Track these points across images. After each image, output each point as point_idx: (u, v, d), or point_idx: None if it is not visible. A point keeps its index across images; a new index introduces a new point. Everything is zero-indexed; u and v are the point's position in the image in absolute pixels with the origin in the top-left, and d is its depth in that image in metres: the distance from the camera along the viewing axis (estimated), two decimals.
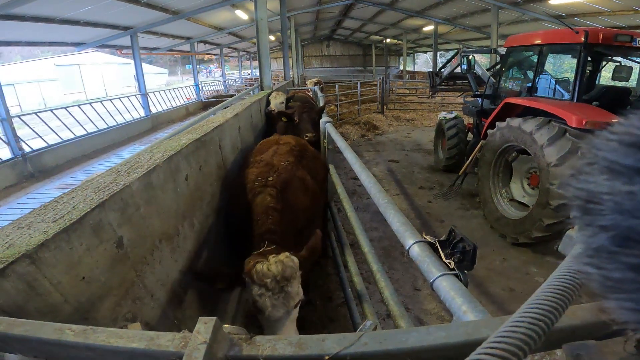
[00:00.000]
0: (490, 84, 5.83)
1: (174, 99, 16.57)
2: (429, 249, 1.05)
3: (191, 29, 15.22)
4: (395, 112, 13.40)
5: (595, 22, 11.50)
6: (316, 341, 0.55)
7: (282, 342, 0.55)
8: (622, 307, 0.28)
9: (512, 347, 0.36)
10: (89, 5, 8.74)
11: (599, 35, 3.81)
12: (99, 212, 1.16)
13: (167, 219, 1.61)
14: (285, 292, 1.57)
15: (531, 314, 0.41)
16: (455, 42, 21.40)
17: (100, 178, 1.45)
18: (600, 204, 0.28)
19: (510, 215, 4.39)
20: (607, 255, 0.28)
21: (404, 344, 0.54)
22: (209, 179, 2.30)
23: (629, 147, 0.27)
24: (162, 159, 1.64)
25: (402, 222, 1.17)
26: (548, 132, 3.66)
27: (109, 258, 1.17)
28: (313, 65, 35.31)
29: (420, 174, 6.92)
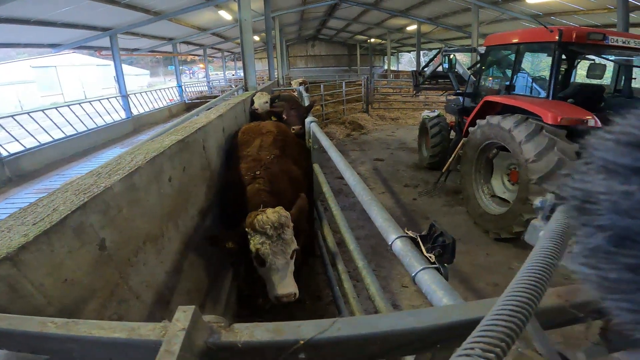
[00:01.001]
0: (470, 82, 5.97)
1: (156, 100, 16.29)
2: (410, 244, 1.08)
3: (173, 30, 15.01)
4: (380, 111, 13.53)
5: (570, 21, 11.89)
6: (292, 327, 0.57)
7: (260, 329, 0.58)
8: (618, 308, 0.27)
9: (496, 341, 0.37)
10: (66, 7, 8.52)
11: (573, 34, 3.95)
12: (80, 214, 1.15)
13: (151, 220, 1.61)
14: (282, 239, 1.90)
15: (510, 307, 0.42)
16: (438, 42, 21.77)
17: (81, 180, 1.43)
18: (596, 203, 0.28)
19: (492, 211, 4.50)
20: (604, 255, 0.28)
21: (375, 329, 0.57)
22: (194, 180, 2.29)
23: (626, 147, 0.27)
24: (144, 161, 1.63)
25: (385, 218, 1.20)
26: (525, 129, 3.77)
27: (91, 260, 1.17)
28: (298, 65, 35.30)
29: (405, 172, 7.02)
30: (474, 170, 4.82)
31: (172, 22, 12.93)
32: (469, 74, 6.20)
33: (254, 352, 0.57)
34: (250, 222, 1.92)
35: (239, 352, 0.56)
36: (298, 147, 3.42)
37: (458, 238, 4.37)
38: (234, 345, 0.56)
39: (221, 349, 0.56)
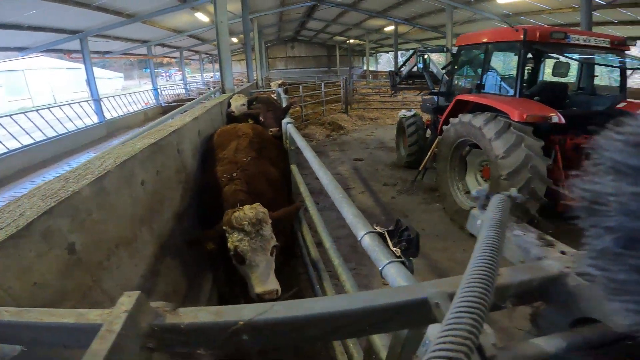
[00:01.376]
0: (444, 82, 6.14)
1: (130, 104, 15.90)
2: (378, 239, 1.13)
3: (148, 32, 14.70)
4: (360, 111, 13.68)
5: (539, 20, 12.39)
6: (234, 309, 0.62)
7: (203, 312, 0.62)
8: (626, 309, 0.27)
9: (462, 339, 0.39)
10: (33, 10, 8.21)
11: (536, 33, 4.12)
12: (46, 219, 1.14)
13: (123, 224, 1.60)
14: (261, 235, 1.88)
15: (470, 302, 0.44)
16: (415, 42, 22.22)
17: (48, 185, 1.41)
18: (605, 205, 0.28)
19: (466, 207, 4.64)
20: (612, 256, 0.27)
21: (311, 311, 0.61)
22: (169, 184, 2.28)
23: (635, 148, 0.27)
24: (114, 165, 1.62)
25: (354, 215, 1.25)
26: (495, 127, 3.93)
27: (61, 263, 1.16)
28: (278, 66, 35.20)
29: (384, 171, 7.14)
30: (449, 167, 4.96)
31: (147, 24, 12.66)
32: (443, 73, 6.37)
33: (197, 332, 0.60)
34: (228, 220, 1.91)
35: (182, 332, 0.59)
36: (275, 149, 3.42)
37: (436, 234, 4.53)
38: (177, 327, 0.59)
39: (165, 330, 0.60)
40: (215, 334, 0.60)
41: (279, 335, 0.62)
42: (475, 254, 0.55)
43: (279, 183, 2.97)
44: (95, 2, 9.05)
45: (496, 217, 0.66)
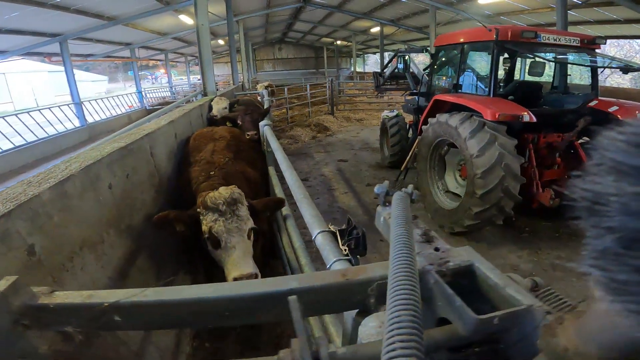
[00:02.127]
0: (424, 82, 6.24)
1: (114, 107, 15.68)
2: (330, 238, 1.17)
3: (131, 35, 14.52)
4: (346, 112, 13.76)
5: (519, 20, 12.65)
6: (106, 293, 0.68)
7: (74, 294, 0.69)
8: (628, 310, 0.27)
9: (409, 336, 0.42)
10: (10, 13, 8.05)
11: (508, 33, 4.22)
12: (5, 222, 1.16)
13: (88, 226, 1.60)
14: (236, 215, 1.82)
15: (404, 304, 0.47)
16: (401, 43, 22.46)
17: (10, 190, 1.42)
18: (606, 205, 0.27)
19: (446, 206, 4.72)
20: (613, 257, 0.27)
21: (178, 296, 0.67)
22: (140, 187, 2.29)
23: (637, 148, 0.27)
24: (78, 169, 1.63)
25: (312, 215, 1.29)
26: (470, 126, 4.02)
27: (20, 265, 1.17)
28: (266, 68, 35.14)
29: (367, 171, 7.21)
30: (429, 167, 5.04)
31: (129, 27, 12.52)
32: (423, 73, 6.47)
33: (66, 312, 0.68)
34: (202, 201, 1.85)
35: (53, 311, 0.67)
36: (252, 151, 3.43)
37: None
38: (47, 306, 0.67)
39: (36, 309, 0.67)
40: (84, 313, 0.66)
41: (148, 318, 0.68)
42: (392, 252, 0.59)
43: (257, 183, 2.98)
44: (74, 5, 8.92)
45: (402, 215, 0.70)
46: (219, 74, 31.17)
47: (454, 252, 0.74)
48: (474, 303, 0.58)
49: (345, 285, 0.70)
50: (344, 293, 0.70)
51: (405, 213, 0.72)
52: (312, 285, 0.68)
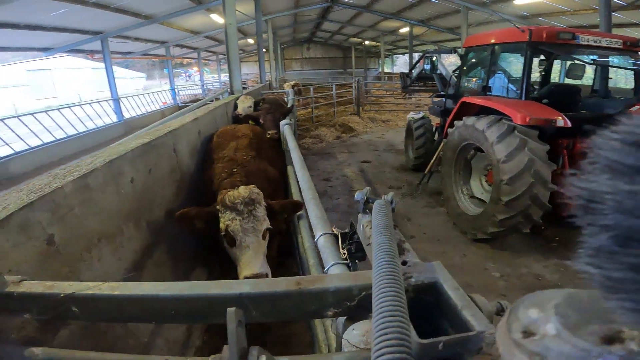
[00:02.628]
0: (452, 84, 6.06)
1: (149, 103, 16.34)
2: (332, 241, 1.15)
3: (166, 33, 15.08)
4: (372, 113, 13.63)
5: (558, 22, 12.04)
6: (67, 284, 0.72)
7: (37, 284, 0.74)
8: (623, 307, 0.27)
9: (396, 340, 0.43)
10: (55, 11, 8.58)
11: (543, 34, 4.03)
12: (26, 212, 1.22)
13: (107, 219, 1.67)
14: (253, 215, 1.85)
15: (390, 309, 0.48)
16: (431, 44, 21.95)
17: (37, 181, 1.50)
18: (601, 203, 0.28)
19: (470, 211, 4.57)
20: (608, 255, 0.27)
21: (132, 292, 0.70)
22: (161, 182, 2.36)
23: (631, 147, 0.27)
24: (102, 163, 1.71)
25: (317, 216, 1.28)
26: (497, 130, 3.86)
27: (38, 254, 1.24)
28: (294, 67, 35.41)
29: (390, 173, 7.10)
30: (453, 171, 4.90)
31: (164, 25, 13.01)
32: (451, 75, 6.30)
33: (27, 300, 0.73)
34: (221, 199, 1.90)
35: (15, 299, 0.72)
36: (273, 150, 3.48)
37: (437, 239, 4.48)
38: (11, 295, 0.71)
39: (4, 297, 0.72)
40: (43, 303, 0.70)
41: (102, 311, 0.71)
42: (375, 261, 0.57)
43: (277, 181, 3.02)
44: (114, 3, 9.37)
45: (383, 222, 0.68)
46: (249, 73, 31.78)
47: (420, 267, 0.71)
48: (438, 322, 0.56)
49: (298, 294, 0.69)
50: (296, 302, 0.70)
51: (387, 220, 0.70)
52: (264, 292, 0.68)
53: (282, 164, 3.45)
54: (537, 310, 0.33)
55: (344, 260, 1.04)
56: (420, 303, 0.60)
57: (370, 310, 0.51)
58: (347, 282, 0.69)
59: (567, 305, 0.33)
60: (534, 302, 0.35)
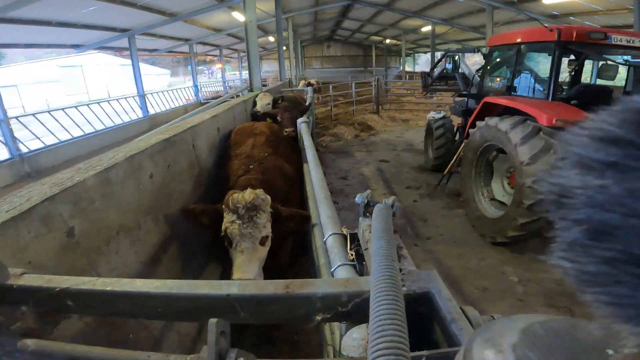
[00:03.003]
0: (475, 83, 5.91)
1: (173, 100, 16.74)
2: (341, 241, 1.14)
3: (189, 31, 15.39)
4: (391, 112, 13.47)
5: (591, 22, 11.54)
6: (63, 278, 0.75)
7: (37, 278, 0.76)
8: (598, 301, 0.28)
9: (396, 343, 0.43)
10: (85, 9, 8.91)
11: (572, 33, 3.87)
12: (48, 204, 1.27)
13: (126, 212, 1.72)
14: (253, 222, 1.82)
15: (387, 314, 0.47)
16: (454, 43, 21.47)
17: (61, 175, 1.55)
18: (572, 198, 0.28)
19: (489, 214, 4.46)
20: (581, 249, 0.28)
21: (122, 288, 0.71)
22: (179, 178, 2.40)
23: (600, 142, 0.28)
24: (123, 158, 1.75)
25: (328, 215, 1.27)
26: (522, 131, 3.73)
27: (58, 246, 1.28)
28: (314, 65, 35.40)
29: (409, 173, 7.00)
30: (474, 172, 4.78)
31: (187, 23, 13.27)
32: (474, 74, 6.14)
33: (24, 293, 0.75)
34: (226, 199, 1.89)
35: (14, 292, 0.74)
36: (290, 148, 3.49)
37: (454, 241, 4.39)
38: (10, 287, 0.74)
39: (1, 288, 0.75)
40: (39, 296, 0.73)
41: (95, 306, 0.73)
42: (374, 265, 0.56)
43: (293, 179, 3.03)
44: (140, 1, 9.63)
45: (383, 227, 0.66)
46: (269, 70, 32.02)
47: (414, 276, 0.69)
48: (430, 333, 0.54)
49: (285, 297, 0.69)
50: (284, 305, 0.70)
51: (387, 225, 0.68)
52: (252, 294, 0.68)
53: (299, 162, 3.45)
54: (493, 352, 0.32)
55: (351, 261, 1.02)
56: (413, 312, 0.58)
57: (366, 316, 0.50)
58: (336, 288, 0.69)
59: (525, 346, 0.31)
60: (490, 340, 0.33)
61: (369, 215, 0.91)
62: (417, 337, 0.63)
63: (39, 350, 0.67)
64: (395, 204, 0.87)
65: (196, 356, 0.59)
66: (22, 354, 0.68)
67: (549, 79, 4.16)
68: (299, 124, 3.29)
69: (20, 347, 0.67)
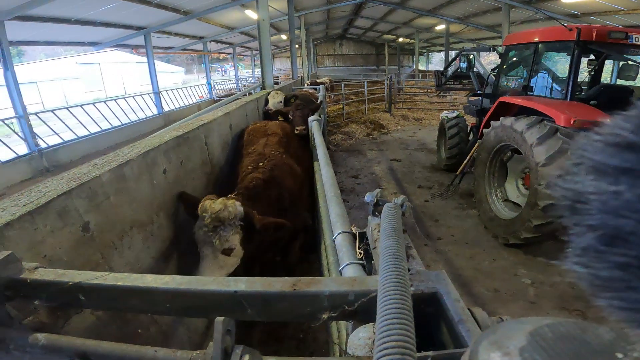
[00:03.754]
0: (490, 82, 5.80)
1: (187, 97, 16.95)
2: (350, 239, 1.13)
3: (203, 29, 15.54)
4: (404, 111, 13.35)
5: (612, 21, 11.20)
6: (75, 274, 0.76)
7: (50, 272, 0.77)
8: (611, 306, 0.28)
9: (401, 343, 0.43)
10: (102, 6, 9.08)
11: (592, 32, 3.76)
12: (65, 199, 1.29)
13: (140, 208, 1.75)
14: (217, 232, 1.78)
15: (395, 315, 0.47)
16: (469, 41, 21.10)
17: (78, 170, 1.59)
18: (587, 203, 0.28)
19: (503, 215, 4.38)
20: (595, 254, 0.28)
21: (133, 283, 0.72)
22: (192, 174, 2.43)
23: (614, 148, 0.27)
24: (138, 154, 1.78)
25: (337, 214, 1.27)
26: (538, 131, 3.65)
27: (73, 240, 1.31)
28: (326, 64, 35.33)
29: (421, 173, 6.93)
30: (487, 173, 4.70)
31: (202, 21, 13.40)
32: (489, 73, 6.03)
33: (38, 287, 0.77)
34: (200, 204, 1.87)
35: (28, 286, 0.76)
36: (301, 148, 3.54)
37: (465, 241, 4.33)
38: (24, 281, 0.76)
39: (16, 283, 0.76)
40: (52, 290, 0.74)
41: (106, 300, 0.74)
42: (382, 264, 0.56)
43: (302, 179, 3.06)
44: None
45: (392, 226, 0.65)
46: (282, 68, 32.09)
47: (422, 276, 0.68)
48: (437, 333, 0.53)
49: (292, 295, 0.68)
50: (291, 303, 0.69)
51: (396, 224, 0.67)
52: (259, 291, 0.68)
53: (310, 162, 3.46)
54: (499, 355, 0.31)
55: (359, 260, 1.02)
56: (420, 312, 0.58)
57: (373, 315, 0.50)
58: (343, 287, 0.68)
59: (533, 349, 0.31)
60: (497, 343, 0.32)
61: (378, 214, 0.90)
62: (424, 338, 0.63)
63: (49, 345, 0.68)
64: (405, 203, 0.86)
65: (202, 352, 0.60)
66: (32, 348, 0.69)
67: (568, 78, 4.05)
68: (310, 122, 3.29)
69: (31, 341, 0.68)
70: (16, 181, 7.16)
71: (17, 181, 7.17)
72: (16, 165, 7.39)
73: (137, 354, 0.64)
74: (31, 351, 0.69)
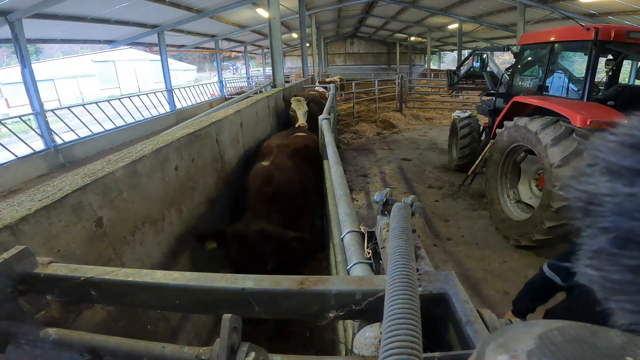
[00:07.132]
0: (504, 82, 5.71)
1: (199, 95, 17.12)
2: (358, 239, 1.13)
3: (215, 27, 15.67)
4: (415, 110, 13.23)
5: (631, 21, 10.91)
6: (87, 269, 0.76)
7: (63, 267, 0.78)
8: (622, 309, 0.27)
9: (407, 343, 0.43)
10: (117, 5, 9.22)
11: (611, 32, 3.67)
12: (79, 194, 1.32)
13: (152, 204, 1.77)
14: None
15: (401, 315, 0.47)
16: (483, 41, 20.82)
17: (92, 166, 1.62)
18: (600, 205, 0.28)
19: (515, 216, 4.31)
20: (607, 257, 0.28)
21: (144, 279, 0.73)
22: (203, 171, 2.46)
23: (629, 149, 0.27)
24: (150, 150, 1.80)
25: (346, 213, 1.26)
26: (553, 132, 3.57)
27: (86, 235, 1.33)
28: (337, 62, 35.26)
29: (431, 172, 6.86)
30: (500, 174, 4.63)
31: (213, 19, 13.51)
32: (503, 73, 5.93)
33: (51, 281, 0.77)
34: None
35: (41, 280, 0.77)
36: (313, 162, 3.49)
37: (475, 242, 4.28)
38: (37, 275, 0.77)
39: (29, 278, 0.77)
40: (64, 285, 0.75)
41: (117, 295, 0.75)
42: (390, 264, 0.55)
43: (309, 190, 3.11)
44: None
45: (400, 225, 0.65)
46: (292, 67, 32.11)
47: (431, 276, 0.67)
48: (445, 334, 0.52)
49: (299, 293, 0.68)
50: (298, 301, 0.69)
51: (405, 224, 0.66)
52: (266, 288, 0.68)
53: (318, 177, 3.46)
54: (506, 358, 0.30)
55: (367, 259, 1.01)
56: (428, 313, 0.57)
57: (380, 315, 0.49)
58: (351, 286, 0.68)
59: (541, 352, 0.30)
60: (504, 345, 0.31)
61: (387, 214, 0.89)
62: (432, 339, 0.62)
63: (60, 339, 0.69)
64: (415, 203, 0.85)
65: (209, 349, 0.60)
66: (43, 342, 0.70)
67: (584, 78, 3.96)
68: (320, 121, 3.29)
69: (42, 336, 0.69)
70: (32, 176, 7.34)
71: (33, 176, 7.35)
72: (32, 161, 7.58)
73: (145, 350, 0.65)
74: (42, 346, 0.70)
